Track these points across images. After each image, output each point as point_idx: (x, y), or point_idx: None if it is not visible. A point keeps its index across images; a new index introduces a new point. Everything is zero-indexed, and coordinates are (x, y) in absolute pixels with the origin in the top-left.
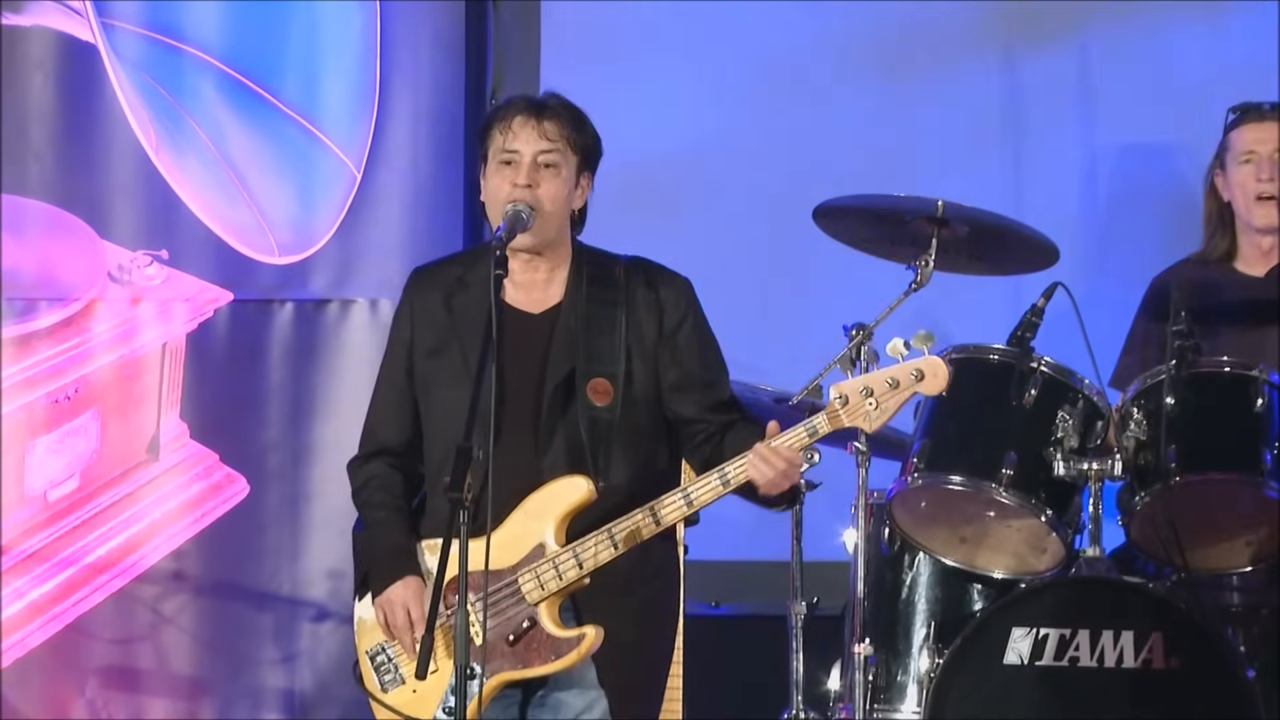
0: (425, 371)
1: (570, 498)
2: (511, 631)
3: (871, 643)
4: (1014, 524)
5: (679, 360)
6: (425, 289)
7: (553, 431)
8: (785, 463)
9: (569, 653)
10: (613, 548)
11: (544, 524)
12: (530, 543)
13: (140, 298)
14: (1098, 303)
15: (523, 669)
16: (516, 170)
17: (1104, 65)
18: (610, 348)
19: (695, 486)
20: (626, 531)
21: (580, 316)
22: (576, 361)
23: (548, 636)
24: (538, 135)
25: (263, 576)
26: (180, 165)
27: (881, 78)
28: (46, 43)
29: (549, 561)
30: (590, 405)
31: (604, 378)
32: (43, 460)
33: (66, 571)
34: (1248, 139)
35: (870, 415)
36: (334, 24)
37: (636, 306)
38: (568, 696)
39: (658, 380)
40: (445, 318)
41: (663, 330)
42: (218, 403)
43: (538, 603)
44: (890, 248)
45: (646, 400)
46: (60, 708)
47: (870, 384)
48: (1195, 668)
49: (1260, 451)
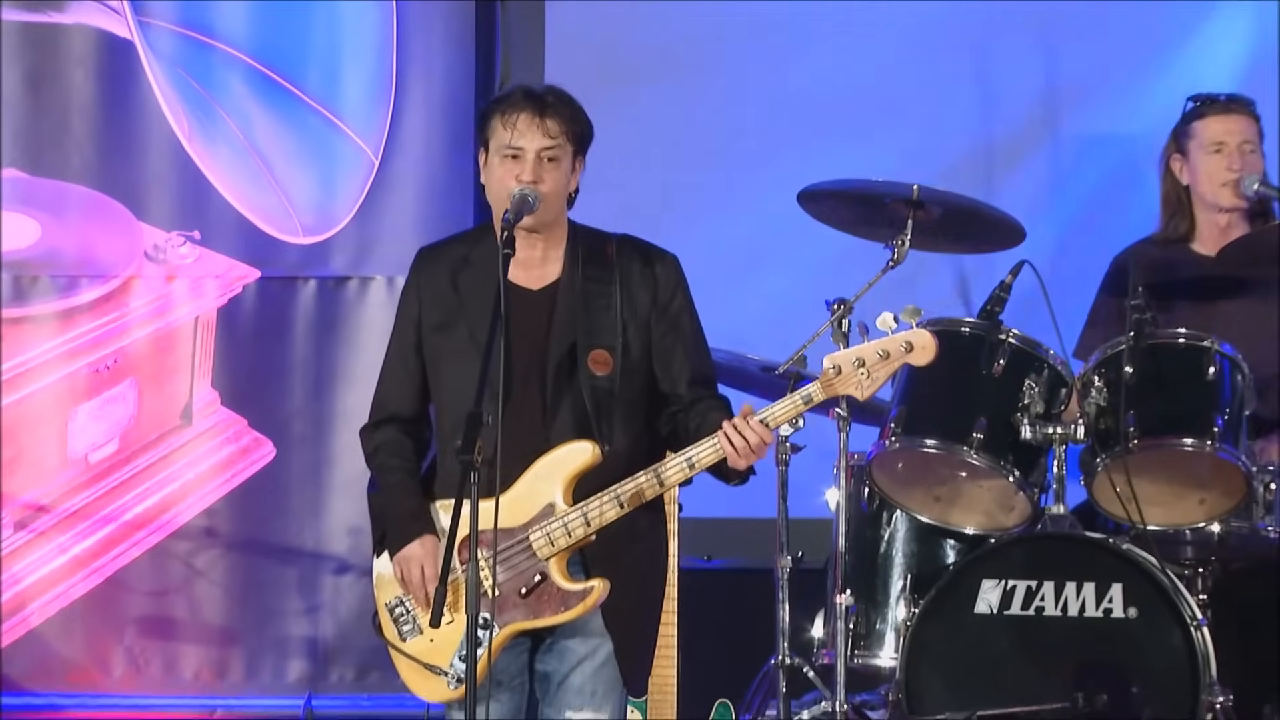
0: (434, 346)
1: (578, 461)
2: (524, 585)
3: (852, 594)
4: (984, 484)
5: (670, 333)
6: (431, 268)
7: (559, 400)
8: (756, 436)
9: (578, 604)
10: (619, 507)
11: (553, 485)
12: (540, 503)
13: (174, 275)
14: (1062, 279)
15: (534, 619)
16: (522, 165)
17: (1068, 60)
18: (608, 321)
19: (696, 450)
20: (632, 492)
21: (578, 293)
22: (577, 335)
23: (558, 589)
24: (541, 133)
25: (288, 533)
26: (211, 153)
27: (862, 69)
28: (87, 39)
29: (558, 520)
30: (592, 375)
31: (603, 349)
32: (84, 425)
33: (106, 528)
34: (1216, 130)
35: (862, 384)
36: (353, 21)
37: (630, 282)
38: (573, 644)
39: (650, 354)
40: (452, 295)
41: (656, 304)
42: (246, 372)
43: (548, 558)
44: (869, 228)
45: (642, 369)
46: (100, 655)
47: (862, 355)
48: (1152, 617)
49: (1212, 417)
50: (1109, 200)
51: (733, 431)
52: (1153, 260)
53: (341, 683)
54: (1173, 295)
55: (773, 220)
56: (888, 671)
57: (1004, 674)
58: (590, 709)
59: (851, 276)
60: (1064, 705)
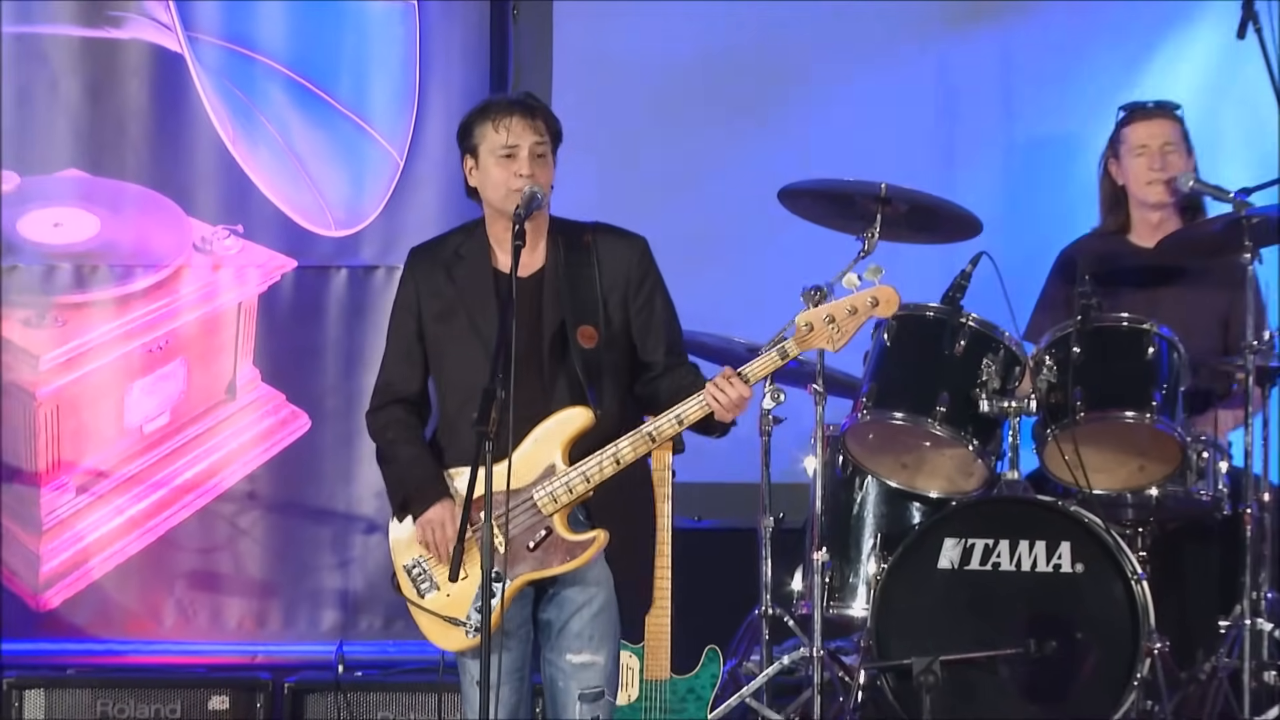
0: (436, 334)
1: (575, 425)
2: (531, 539)
3: (828, 551)
4: (946, 452)
5: (645, 308)
6: (426, 265)
7: (555, 372)
8: (737, 392)
9: (583, 553)
10: (616, 464)
11: (552, 448)
12: (542, 464)
13: (220, 265)
14: (1015, 268)
15: (543, 569)
16: (519, 162)
17: (1022, 69)
18: (590, 300)
19: (684, 407)
20: (628, 450)
21: (562, 277)
22: (564, 314)
23: (563, 541)
24: (533, 131)
25: (321, 496)
26: (253, 154)
27: (834, 75)
28: (141, 53)
29: (560, 479)
30: (582, 349)
31: (589, 325)
32: (139, 400)
33: (158, 492)
34: (1140, 134)
35: (833, 337)
36: (380, 36)
37: (606, 264)
38: (572, 593)
39: (629, 327)
40: (449, 286)
41: (630, 282)
42: (284, 352)
43: (552, 514)
44: (842, 222)
45: (622, 341)
46: (153, 605)
47: (832, 312)
48: (1097, 572)
49: (1151, 392)
50: (1058, 197)
51: (716, 389)
52: (1096, 252)
53: (370, 630)
54: (1115, 283)
55: (755, 214)
56: (860, 621)
57: (964, 623)
58: (589, 651)
59: (826, 266)
60: (1017, 651)
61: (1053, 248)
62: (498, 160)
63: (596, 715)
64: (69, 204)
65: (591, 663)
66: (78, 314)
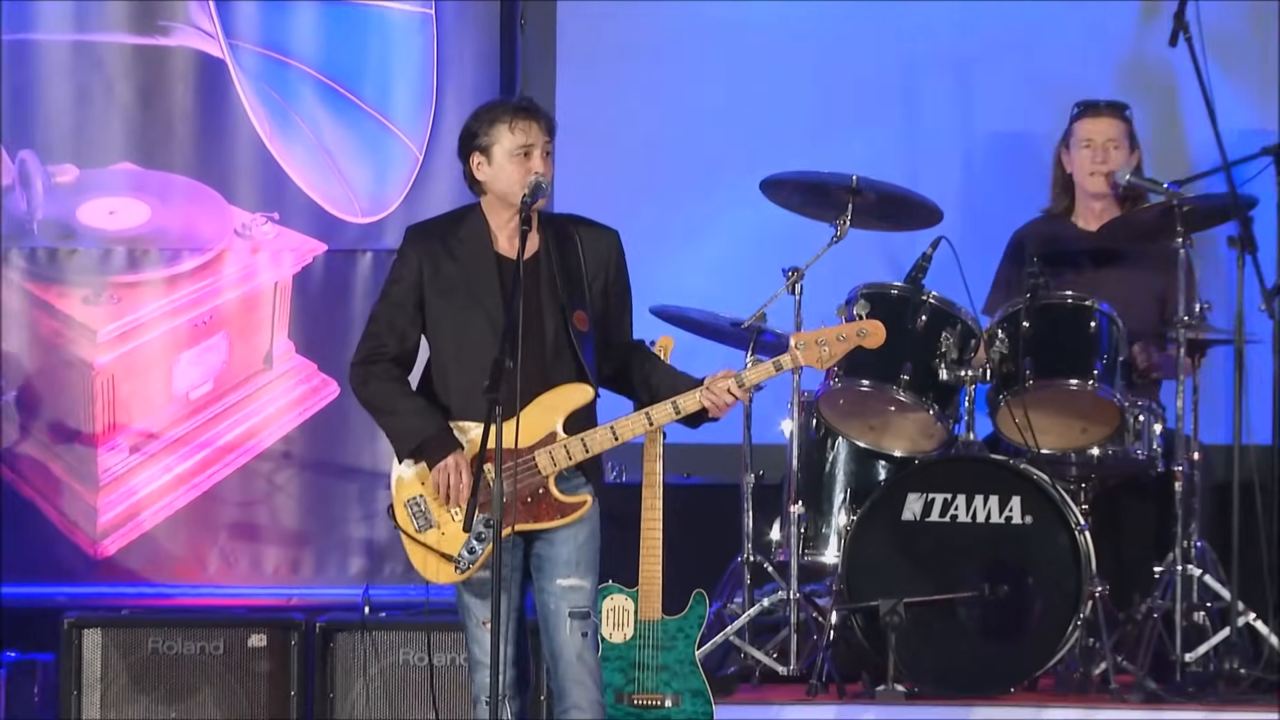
0: (438, 306)
1: (578, 399)
2: (528, 495)
3: (803, 504)
4: (909, 416)
5: (618, 295)
6: (427, 241)
7: (555, 349)
8: (734, 398)
9: (572, 514)
10: (613, 438)
11: (555, 416)
12: (543, 430)
13: (258, 248)
14: (971, 251)
15: (534, 523)
16: (533, 160)
17: (979, 73)
18: (580, 286)
19: (682, 400)
20: (626, 428)
21: (554, 262)
22: (560, 298)
23: (556, 500)
24: (541, 131)
25: (348, 455)
26: (287, 149)
27: (812, 73)
28: (187, 59)
29: (560, 445)
30: (578, 330)
31: (582, 310)
32: (186, 369)
33: (203, 452)
34: (1088, 130)
35: (823, 358)
36: (401, 43)
37: (588, 253)
38: (559, 531)
39: (607, 307)
40: (451, 263)
41: (607, 270)
42: (316, 326)
43: (548, 475)
44: (817, 210)
45: (600, 322)
46: (199, 553)
47: (825, 337)
48: (1044, 523)
49: (1093, 362)
50: (1009, 188)
51: (714, 394)
52: (1044, 235)
53: (393, 575)
54: (1061, 264)
55: (740, 202)
56: (831, 567)
57: (925, 570)
58: (576, 576)
59: (803, 249)
60: (973, 595)
61: (1004, 233)
62: (513, 158)
63: (585, 631)
64: (123, 194)
65: (579, 586)
66: (131, 292)
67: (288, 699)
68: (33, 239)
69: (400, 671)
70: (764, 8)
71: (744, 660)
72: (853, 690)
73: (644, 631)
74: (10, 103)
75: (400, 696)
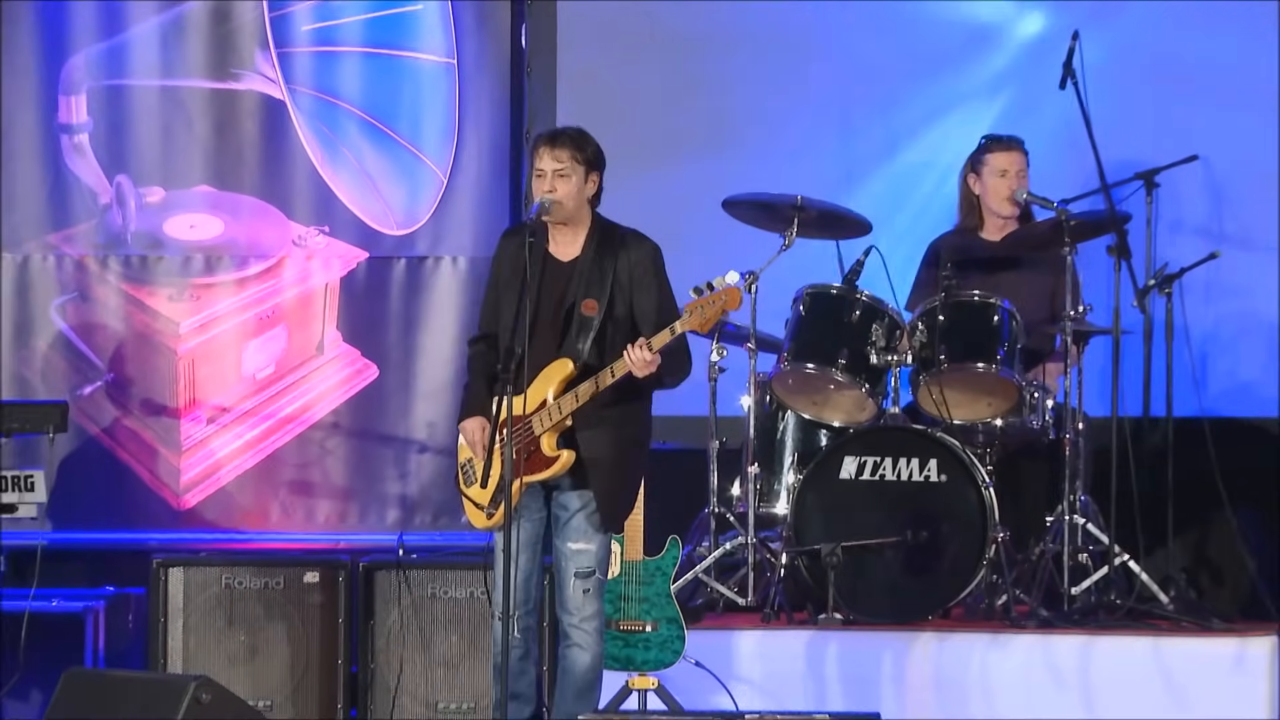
0: (502, 296)
1: (561, 372)
2: (526, 452)
3: (758, 465)
4: (846, 393)
5: (641, 297)
6: (508, 240)
7: (565, 335)
8: (639, 355)
9: (554, 466)
10: (575, 400)
11: (547, 387)
12: (539, 399)
13: (312, 256)
14: (896, 257)
15: (530, 475)
16: (544, 180)
17: (901, 109)
18: (601, 282)
19: (615, 364)
20: (583, 390)
21: (590, 264)
22: (579, 292)
23: (543, 457)
24: (552, 158)
25: (386, 426)
26: (336, 174)
27: (760, 113)
28: (254, 100)
29: (546, 410)
30: (584, 316)
31: (593, 299)
32: (252, 354)
33: (266, 423)
34: (1002, 161)
35: (703, 324)
36: (430, 88)
37: (627, 259)
38: (572, 497)
39: (631, 307)
40: (518, 258)
41: (638, 275)
42: (359, 319)
43: (539, 435)
44: (769, 224)
45: (622, 319)
46: (263, 505)
47: (700, 304)
48: (956, 481)
49: (996, 349)
50: (925, 205)
51: (629, 352)
52: (955, 245)
53: (422, 524)
54: (969, 269)
55: (705, 216)
56: (782, 517)
57: (859, 519)
58: (583, 541)
59: (757, 256)
60: (899, 539)
61: (923, 242)
62: (536, 178)
63: (587, 588)
64: (201, 211)
65: (584, 549)
66: (207, 292)
67: (336, 625)
68: (127, 248)
69: (428, 603)
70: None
71: (710, 593)
72: (799, 617)
73: (629, 570)
74: (109, 136)
75: (428, 622)
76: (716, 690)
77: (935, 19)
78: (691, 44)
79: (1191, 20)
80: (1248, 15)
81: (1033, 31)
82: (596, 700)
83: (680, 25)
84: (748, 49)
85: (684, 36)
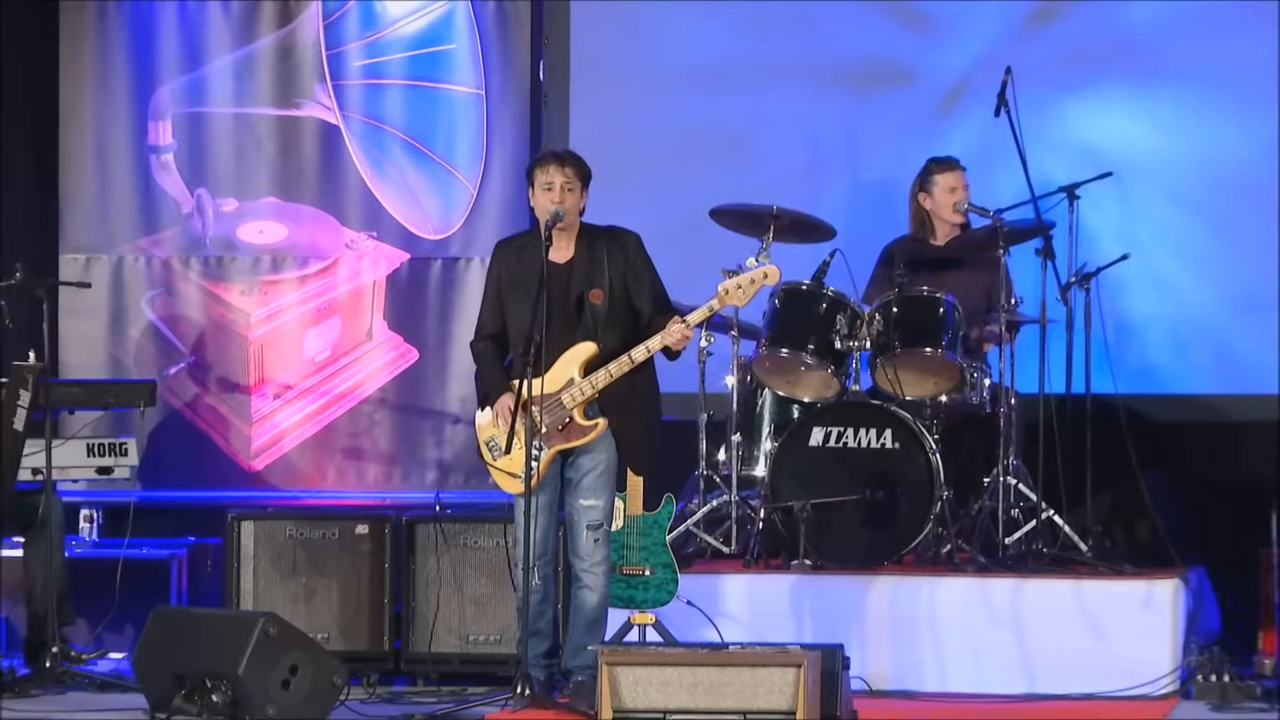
0: (507, 296)
1: (586, 353)
2: (559, 424)
3: (740, 435)
4: (815, 374)
5: (636, 279)
6: (504, 251)
7: (577, 323)
8: (680, 332)
9: (592, 432)
10: (609, 376)
11: (573, 367)
12: (565, 377)
13: (361, 257)
14: (857, 258)
15: (567, 443)
16: (553, 193)
17: (864, 127)
18: (600, 274)
19: (652, 340)
20: (616, 365)
21: (584, 262)
22: (582, 287)
23: (579, 425)
24: (560, 174)
25: (425, 401)
26: (383, 188)
27: (752, 134)
28: (313, 126)
29: (576, 386)
30: (592, 305)
31: (598, 289)
32: (312, 340)
33: (324, 398)
34: (950, 180)
35: (740, 298)
36: (463, 114)
37: (613, 252)
38: (585, 459)
39: (628, 289)
40: (518, 267)
41: (626, 262)
42: (402, 311)
43: (571, 408)
44: (750, 230)
45: (622, 302)
46: (321, 468)
47: (740, 281)
48: (908, 449)
49: (941, 336)
50: (881, 216)
51: (673, 330)
52: (907, 249)
53: (456, 484)
54: (919, 269)
55: (694, 223)
56: (761, 478)
57: (827, 480)
58: (594, 498)
59: (739, 256)
60: (859, 498)
61: (878, 245)
62: (543, 190)
63: (596, 537)
64: (268, 219)
65: (595, 505)
66: (274, 287)
67: (383, 570)
68: (205, 250)
69: (462, 552)
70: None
71: (699, 543)
72: (775, 564)
73: (630, 523)
74: (190, 155)
75: (462, 569)
76: (705, 625)
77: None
78: (689, 78)
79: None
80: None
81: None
82: (603, 633)
83: (679, 63)
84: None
85: (684, 72)
